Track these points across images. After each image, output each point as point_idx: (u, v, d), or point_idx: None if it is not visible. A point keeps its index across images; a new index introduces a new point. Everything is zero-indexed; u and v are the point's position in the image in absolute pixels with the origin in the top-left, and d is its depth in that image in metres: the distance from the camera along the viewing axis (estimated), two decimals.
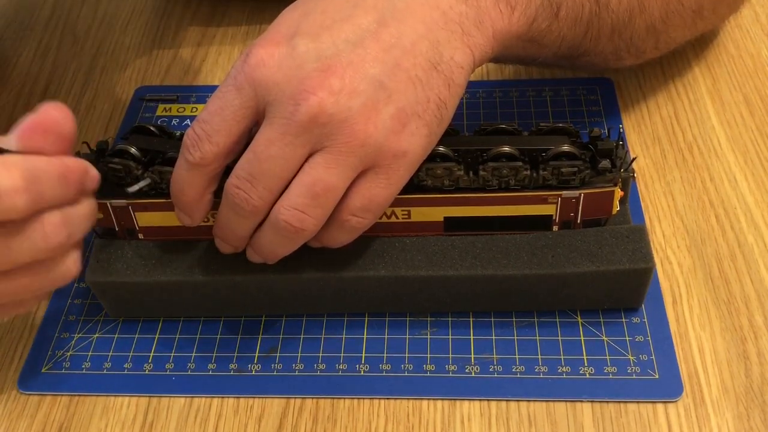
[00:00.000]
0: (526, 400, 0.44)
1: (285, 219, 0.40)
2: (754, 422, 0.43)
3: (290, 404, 0.45)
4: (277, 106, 0.39)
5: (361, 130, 0.39)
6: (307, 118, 0.38)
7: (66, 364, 0.48)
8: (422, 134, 0.40)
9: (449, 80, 0.41)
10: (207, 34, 0.70)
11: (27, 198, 0.36)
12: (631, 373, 0.45)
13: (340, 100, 0.38)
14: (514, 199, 0.45)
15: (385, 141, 0.39)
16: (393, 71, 0.39)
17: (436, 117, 0.41)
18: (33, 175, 0.37)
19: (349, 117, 0.38)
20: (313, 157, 0.39)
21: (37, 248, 0.38)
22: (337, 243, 0.43)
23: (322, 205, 0.40)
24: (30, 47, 0.71)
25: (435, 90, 0.40)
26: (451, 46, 0.41)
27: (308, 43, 0.39)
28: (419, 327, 0.48)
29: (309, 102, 0.38)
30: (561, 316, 0.47)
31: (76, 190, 0.40)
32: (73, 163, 0.40)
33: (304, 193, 0.39)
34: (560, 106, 0.60)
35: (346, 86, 0.39)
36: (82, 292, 0.51)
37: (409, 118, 0.40)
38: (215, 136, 0.40)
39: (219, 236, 0.44)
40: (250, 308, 0.49)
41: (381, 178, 0.40)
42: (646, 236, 0.45)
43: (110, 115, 0.64)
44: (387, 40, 0.40)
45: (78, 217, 0.40)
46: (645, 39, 0.51)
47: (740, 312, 0.47)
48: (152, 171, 0.45)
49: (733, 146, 0.56)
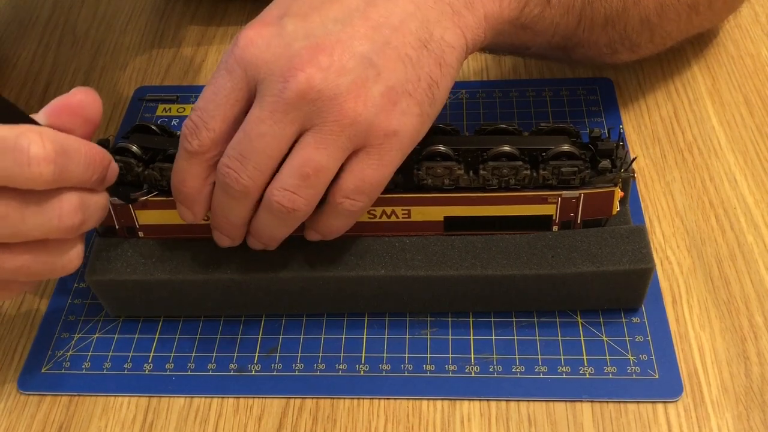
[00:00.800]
0: (526, 400, 0.44)
1: (277, 200, 0.40)
2: (754, 422, 0.43)
3: (290, 404, 0.45)
4: (267, 85, 0.39)
5: (350, 108, 0.38)
6: (296, 94, 0.38)
7: (66, 364, 0.48)
8: (413, 113, 0.40)
9: (440, 59, 0.41)
10: (207, 34, 0.70)
11: (54, 170, 0.37)
12: (631, 373, 0.45)
13: (329, 76, 0.38)
14: (514, 198, 0.45)
15: (375, 119, 0.39)
16: (382, 49, 0.39)
17: (427, 96, 0.40)
18: (63, 149, 0.37)
19: (338, 94, 0.38)
20: (303, 136, 0.39)
21: (50, 226, 0.38)
22: (333, 230, 0.43)
23: (313, 186, 0.40)
24: (30, 47, 0.71)
25: (426, 69, 0.40)
26: (441, 25, 0.41)
27: (297, 22, 0.40)
28: (419, 327, 0.48)
29: (297, 78, 0.38)
30: (561, 316, 0.47)
31: (98, 177, 0.40)
32: (99, 150, 0.40)
33: (295, 174, 0.39)
34: (560, 106, 0.60)
35: (335, 63, 0.38)
36: (82, 292, 0.51)
37: (399, 97, 0.39)
38: (211, 122, 0.40)
39: (215, 226, 0.44)
40: (250, 308, 0.49)
41: (373, 158, 0.40)
42: (646, 237, 0.45)
43: (110, 115, 0.64)
44: (376, 19, 0.40)
45: (94, 205, 0.41)
46: (640, 32, 0.51)
47: (740, 312, 0.47)
48: (153, 168, 0.45)
49: (733, 146, 0.56)
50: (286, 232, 0.43)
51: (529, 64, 0.64)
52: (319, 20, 0.40)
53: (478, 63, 0.64)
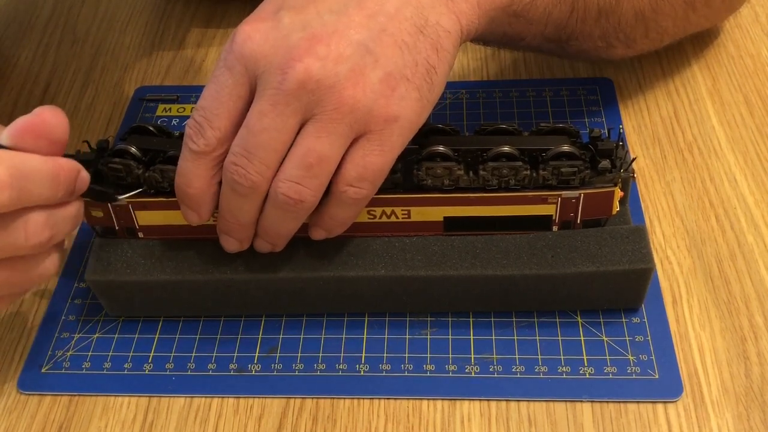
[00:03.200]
0: (526, 400, 0.44)
1: (283, 192, 0.40)
2: (754, 422, 0.43)
3: (290, 404, 0.45)
4: (267, 78, 0.39)
5: (349, 95, 0.39)
6: (295, 85, 0.38)
7: (66, 364, 0.48)
8: (413, 98, 0.40)
9: (437, 44, 0.41)
10: (207, 34, 0.70)
11: (11, 194, 0.36)
12: (631, 373, 0.45)
13: (327, 65, 0.39)
14: (514, 199, 0.45)
15: (375, 105, 0.39)
16: (379, 36, 0.40)
17: (426, 81, 0.41)
18: (21, 172, 0.37)
19: (336, 83, 0.39)
20: (304, 127, 0.40)
21: (17, 245, 0.38)
22: (338, 222, 0.43)
23: (317, 175, 0.40)
24: (30, 47, 0.71)
25: (423, 54, 0.40)
26: (436, 11, 0.41)
27: (293, 15, 0.40)
28: (419, 327, 0.48)
29: (296, 69, 0.38)
30: (561, 316, 0.47)
31: (65, 191, 0.40)
32: (65, 164, 0.40)
33: (298, 165, 0.40)
34: (560, 106, 0.60)
35: (332, 52, 0.39)
36: (82, 292, 0.51)
37: (397, 82, 0.40)
38: (215, 120, 0.40)
39: (223, 229, 0.44)
40: (250, 308, 0.49)
41: (374, 144, 0.40)
42: (646, 237, 0.45)
43: (110, 115, 0.64)
44: (371, 7, 0.40)
45: (63, 218, 0.40)
46: (634, 26, 0.52)
47: (740, 312, 0.47)
48: (153, 170, 0.45)
49: (733, 146, 0.56)
50: (294, 226, 0.43)
51: (530, 64, 0.64)
52: (314, 12, 0.40)
53: (478, 63, 0.64)
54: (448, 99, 0.61)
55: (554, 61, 0.63)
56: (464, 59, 0.65)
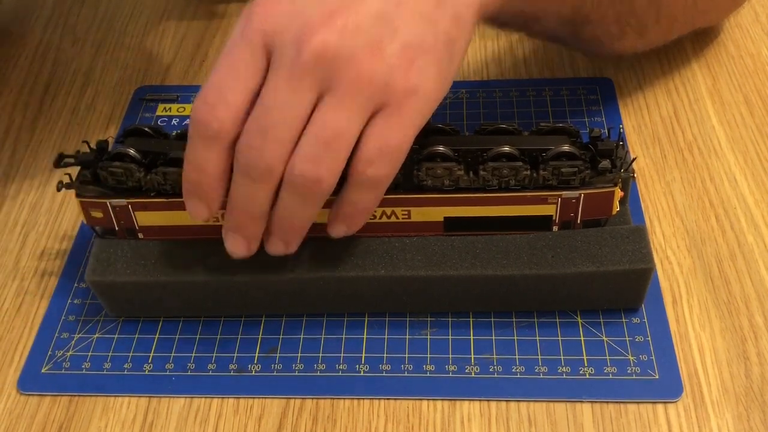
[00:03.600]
0: (526, 401, 0.44)
1: (299, 172, 0.38)
2: (754, 422, 0.43)
3: (290, 404, 0.45)
4: (282, 52, 0.38)
5: (366, 67, 0.38)
6: (312, 57, 0.37)
7: (66, 365, 0.48)
8: (432, 71, 0.39)
9: (456, 16, 0.40)
10: (207, 34, 0.70)
11: None
12: (631, 373, 0.45)
13: (344, 37, 0.37)
14: (514, 199, 0.45)
15: (393, 77, 0.38)
16: (397, 7, 0.39)
17: (445, 54, 0.40)
18: None
19: (353, 54, 0.37)
20: (320, 102, 0.38)
21: None
22: (359, 210, 0.42)
23: (335, 151, 0.38)
24: (30, 47, 0.71)
25: (442, 25, 0.39)
26: None
27: None
28: (419, 327, 0.48)
29: (312, 42, 0.37)
30: (561, 316, 0.47)
31: None
32: None
33: (315, 142, 0.38)
34: (560, 106, 0.60)
35: (350, 24, 0.38)
36: (82, 292, 0.51)
37: (416, 54, 0.38)
38: (230, 94, 0.38)
39: (232, 226, 0.42)
40: (250, 308, 0.49)
41: (393, 118, 0.38)
42: (646, 237, 0.45)
43: (110, 115, 0.64)
44: None
45: None
46: (647, 8, 0.51)
47: (740, 312, 0.47)
48: (155, 173, 0.45)
49: (733, 146, 0.56)
50: (310, 214, 0.41)
51: (530, 64, 0.64)
52: None
53: (478, 63, 0.65)
54: (448, 99, 0.61)
55: (554, 61, 0.64)
56: (464, 59, 0.65)
